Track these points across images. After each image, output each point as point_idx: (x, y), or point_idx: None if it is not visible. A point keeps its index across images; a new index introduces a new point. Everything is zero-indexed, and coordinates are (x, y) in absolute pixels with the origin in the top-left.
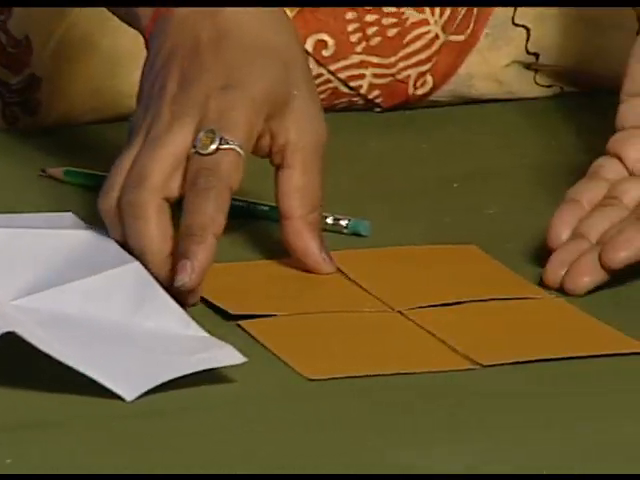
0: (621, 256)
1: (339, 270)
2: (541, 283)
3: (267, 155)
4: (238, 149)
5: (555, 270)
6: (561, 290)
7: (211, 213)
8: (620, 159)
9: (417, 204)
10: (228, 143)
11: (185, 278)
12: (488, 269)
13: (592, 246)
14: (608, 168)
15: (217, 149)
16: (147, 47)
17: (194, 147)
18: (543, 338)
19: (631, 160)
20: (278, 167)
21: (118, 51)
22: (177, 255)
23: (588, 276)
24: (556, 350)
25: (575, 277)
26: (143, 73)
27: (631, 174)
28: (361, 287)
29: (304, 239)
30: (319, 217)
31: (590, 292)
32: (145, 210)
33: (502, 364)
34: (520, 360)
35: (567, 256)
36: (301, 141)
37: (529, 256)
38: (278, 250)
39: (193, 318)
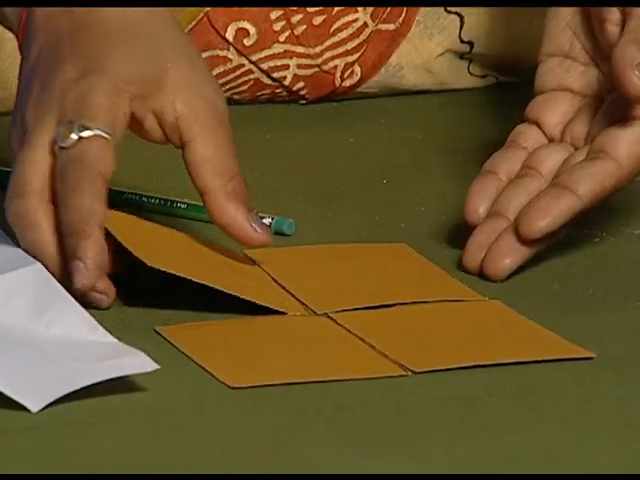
0: (539, 225)
1: (262, 269)
2: (460, 268)
3: (164, 138)
4: (103, 134)
5: (474, 254)
6: (482, 277)
7: (89, 205)
8: (539, 125)
9: (344, 201)
10: (90, 129)
11: (82, 279)
12: (420, 269)
13: (510, 224)
14: (526, 135)
15: (79, 138)
16: (21, 54)
17: (56, 143)
18: (478, 343)
19: (550, 125)
20: (181, 147)
21: None
22: (66, 256)
23: (508, 257)
24: (492, 355)
25: (495, 260)
26: (18, 82)
27: (550, 140)
28: (283, 288)
29: (228, 212)
30: (240, 185)
31: (517, 284)
32: (34, 217)
33: (435, 370)
34: (454, 366)
35: (485, 238)
36: (192, 112)
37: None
38: None
39: (100, 323)
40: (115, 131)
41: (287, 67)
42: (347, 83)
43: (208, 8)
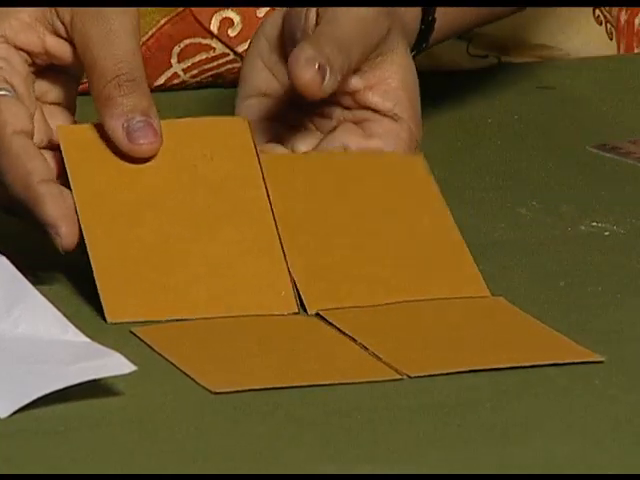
0: None
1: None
2: None
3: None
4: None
5: None
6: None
7: (28, 167)
8: None
9: None
10: None
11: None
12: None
13: None
14: None
15: None
16: None
17: None
18: (478, 345)
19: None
20: None
21: None
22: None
23: None
24: (492, 359)
25: None
26: None
27: None
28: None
29: (104, 120)
30: (115, 89)
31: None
32: None
33: (432, 375)
34: (453, 371)
35: None
36: (71, 20)
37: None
38: None
39: (72, 322)
40: (9, 81)
41: None
42: None
43: None
